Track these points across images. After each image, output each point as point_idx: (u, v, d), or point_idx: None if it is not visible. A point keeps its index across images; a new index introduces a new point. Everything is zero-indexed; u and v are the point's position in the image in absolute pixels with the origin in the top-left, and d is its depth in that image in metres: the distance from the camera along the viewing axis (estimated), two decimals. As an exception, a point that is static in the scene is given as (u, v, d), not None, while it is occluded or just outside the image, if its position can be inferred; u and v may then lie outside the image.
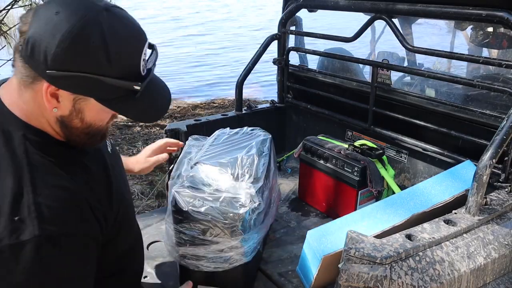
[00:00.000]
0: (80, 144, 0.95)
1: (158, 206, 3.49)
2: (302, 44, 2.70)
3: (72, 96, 0.86)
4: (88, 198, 0.92)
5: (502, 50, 2.70)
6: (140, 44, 0.88)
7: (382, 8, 1.98)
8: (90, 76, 0.82)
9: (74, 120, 0.89)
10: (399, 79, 3.04)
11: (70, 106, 0.87)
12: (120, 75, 0.84)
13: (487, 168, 1.26)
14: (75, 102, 0.87)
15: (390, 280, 1.06)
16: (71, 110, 0.88)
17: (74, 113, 0.88)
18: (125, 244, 1.12)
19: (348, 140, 2.31)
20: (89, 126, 0.92)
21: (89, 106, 0.88)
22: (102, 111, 0.90)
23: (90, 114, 0.90)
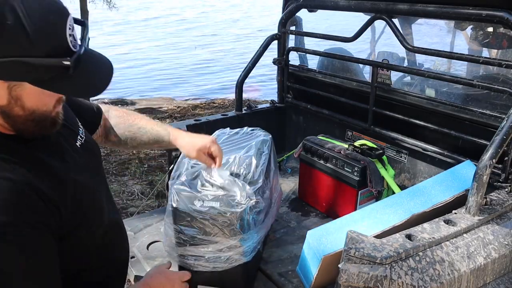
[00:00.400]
0: (29, 133, 0.90)
1: (158, 206, 3.49)
2: (302, 44, 2.70)
3: (6, 84, 0.82)
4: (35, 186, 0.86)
5: (502, 50, 2.70)
6: (61, 19, 0.83)
7: (382, 8, 1.98)
8: (15, 59, 0.77)
9: (15, 108, 0.85)
10: (399, 79, 3.04)
11: (6, 95, 0.83)
12: (47, 53, 0.80)
13: (487, 168, 1.26)
14: (10, 90, 0.83)
15: (390, 280, 1.06)
16: (9, 98, 0.83)
17: (13, 101, 0.84)
18: (96, 237, 1.06)
19: (348, 140, 2.31)
20: (32, 112, 0.87)
21: (26, 91, 0.84)
22: (42, 95, 0.86)
23: (30, 100, 0.85)
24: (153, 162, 4.37)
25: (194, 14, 19.28)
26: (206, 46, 12.31)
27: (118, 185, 3.93)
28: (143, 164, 4.34)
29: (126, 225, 2.01)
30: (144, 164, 4.33)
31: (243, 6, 22.05)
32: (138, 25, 15.96)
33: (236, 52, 11.43)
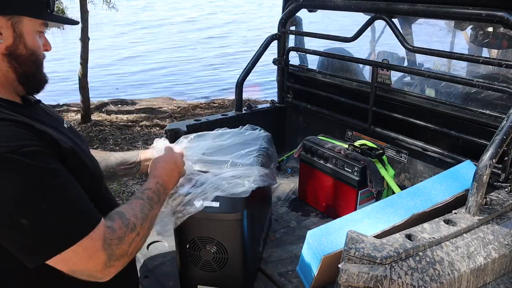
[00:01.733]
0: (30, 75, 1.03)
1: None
2: (302, 44, 2.70)
3: (9, 22, 0.96)
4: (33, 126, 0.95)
5: (502, 50, 2.70)
6: None
7: (382, 8, 1.98)
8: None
9: (19, 47, 0.99)
10: (399, 79, 3.04)
11: (11, 32, 0.97)
12: None
13: (487, 168, 1.26)
14: (14, 27, 0.97)
15: (390, 280, 1.06)
16: (14, 36, 0.97)
17: (17, 39, 0.98)
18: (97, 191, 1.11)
19: (348, 140, 2.31)
20: (32, 52, 1.01)
21: (26, 28, 0.99)
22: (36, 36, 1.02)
23: (30, 39, 1.00)
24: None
25: (199, 15, 19.28)
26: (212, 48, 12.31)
27: (118, 185, 3.93)
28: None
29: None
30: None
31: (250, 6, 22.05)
32: (143, 26, 15.90)
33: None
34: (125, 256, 1.00)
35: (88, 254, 0.92)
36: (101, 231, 0.94)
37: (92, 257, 0.93)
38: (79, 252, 0.91)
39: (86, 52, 5.53)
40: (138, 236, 1.03)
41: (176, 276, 1.53)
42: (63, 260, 0.90)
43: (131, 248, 1.01)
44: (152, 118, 6.13)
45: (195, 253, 1.41)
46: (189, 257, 1.42)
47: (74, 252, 0.90)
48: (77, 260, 0.92)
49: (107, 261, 0.95)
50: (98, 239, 0.93)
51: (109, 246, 0.95)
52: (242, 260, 1.42)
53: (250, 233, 1.43)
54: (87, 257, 0.92)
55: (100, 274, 0.96)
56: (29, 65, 1.02)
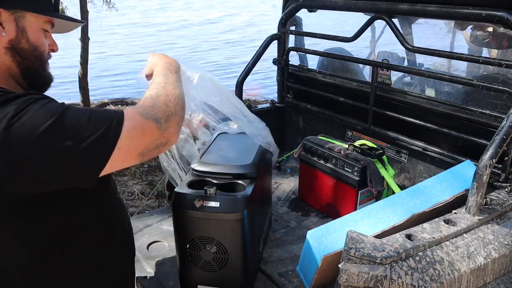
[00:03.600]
0: (33, 70, 1.05)
1: (158, 206, 3.50)
2: (302, 44, 2.70)
3: (12, 16, 0.98)
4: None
5: (502, 50, 2.70)
6: None
7: (382, 8, 1.98)
8: None
9: (22, 41, 1.00)
10: (399, 79, 3.05)
11: (14, 27, 0.99)
12: None
13: (487, 168, 1.26)
14: (16, 21, 0.99)
15: (390, 280, 1.06)
16: (16, 30, 0.99)
17: (20, 33, 1.00)
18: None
19: (348, 140, 2.31)
20: (34, 48, 1.03)
21: (28, 23, 1.01)
22: (41, 34, 1.04)
23: (33, 34, 1.02)
24: (153, 162, 4.36)
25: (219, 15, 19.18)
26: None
27: (118, 185, 3.94)
28: (143, 164, 4.34)
29: (126, 225, 2.02)
30: (144, 164, 4.33)
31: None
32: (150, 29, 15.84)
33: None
34: (173, 115, 1.02)
35: (139, 130, 0.95)
36: (130, 112, 0.97)
37: (144, 130, 0.96)
38: (131, 134, 0.93)
39: (86, 52, 5.53)
40: (168, 96, 1.05)
41: (176, 276, 1.53)
42: (125, 151, 0.92)
43: (171, 107, 1.03)
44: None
45: (195, 253, 1.41)
46: (189, 257, 1.42)
47: (127, 137, 0.92)
48: (136, 143, 0.94)
49: (158, 126, 0.97)
50: (134, 116, 0.96)
51: (148, 114, 0.97)
52: (242, 260, 1.42)
53: (250, 233, 1.43)
54: (141, 134, 0.95)
55: (164, 139, 0.99)
56: (32, 60, 1.03)
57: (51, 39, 1.10)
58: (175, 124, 1.02)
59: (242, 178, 1.47)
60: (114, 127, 0.91)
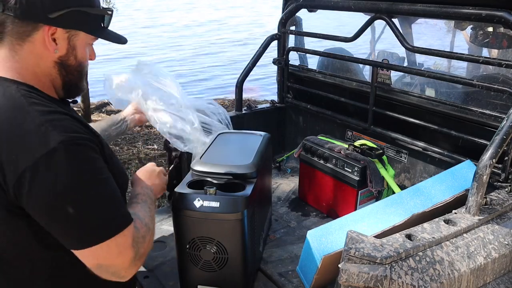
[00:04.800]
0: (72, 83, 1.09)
1: (158, 206, 3.49)
2: (302, 44, 2.70)
3: (67, 35, 1.03)
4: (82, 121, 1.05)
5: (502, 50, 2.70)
6: None
7: (382, 8, 1.98)
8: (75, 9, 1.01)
9: (70, 58, 1.05)
10: (399, 79, 3.04)
11: (66, 44, 1.03)
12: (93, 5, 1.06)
13: (487, 168, 1.26)
14: (69, 40, 1.04)
15: (390, 280, 1.06)
16: (68, 48, 1.04)
17: (70, 51, 1.05)
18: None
19: (348, 140, 2.31)
20: (79, 64, 1.08)
21: (79, 41, 1.06)
22: (86, 49, 1.09)
23: (80, 52, 1.07)
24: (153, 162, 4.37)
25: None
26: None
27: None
28: (143, 164, 4.34)
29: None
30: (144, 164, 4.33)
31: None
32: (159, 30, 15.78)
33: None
34: (144, 256, 1.05)
35: (119, 250, 0.97)
36: (131, 229, 1.00)
37: (122, 253, 0.97)
38: (112, 247, 0.95)
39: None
40: (152, 236, 1.09)
41: (176, 276, 1.53)
42: (94, 252, 0.95)
43: (149, 248, 1.07)
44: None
45: (195, 253, 1.41)
46: (189, 257, 1.42)
47: (107, 246, 0.95)
48: (107, 255, 0.96)
49: (133, 259, 0.99)
50: (129, 236, 0.98)
51: (136, 244, 1.00)
52: (242, 260, 1.42)
53: (250, 233, 1.43)
54: (118, 253, 0.97)
55: (123, 272, 1.01)
56: (75, 75, 1.09)
57: (91, 48, 1.15)
58: (139, 266, 1.05)
59: (242, 178, 1.47)
60: (109, 231, 0.95)
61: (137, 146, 4.97)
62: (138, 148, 4.89)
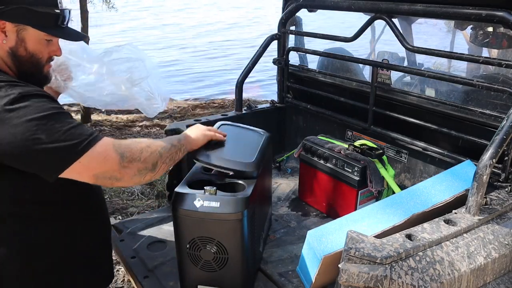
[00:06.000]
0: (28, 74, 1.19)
1: (158, 206, 3.49)
2: (302, 44, 2.70)
3: (15, 28, 1.14)
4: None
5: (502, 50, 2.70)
6: None
7: (382, 8, 1.98)
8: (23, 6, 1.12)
9: (20, 49, 1.16)
10: (399, 79, 3.04)
11: (15, 37, 1.15)
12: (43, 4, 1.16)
13: (487, 168, 1.26)
14: (18, 33, 1.15)
15: (390, 280, 1.06)
16: (16, 40, 1.15)
17: (19, 43, 1.16)
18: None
19: (348, 140, 2.31)
20: (31, 55, 1.19)
21: (29, 35, 1.16)
22: (39, 44, 1.19)
23: (31, 44, 1.17)
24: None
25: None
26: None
27: (118, 185, 3.92)
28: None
29: (126, 225, 2.02)
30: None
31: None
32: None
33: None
34: (138, 161, 1.16)
35: (103, 156, 1.10)
36: (108, 139, 1.14)
37: (106, 158, 1.11)
38: (94, 156, 1.08)
39: (86, 52, 5.52)
40: (148, 147, 1.20)
41: (176, 276, 1.53)
42: (83, 166, 1.07)
43: (143, 155, 1.18)
44: (152, 118, 6.12)
45: (195, 253, 1.40)
46: (189, 257, 1.42)
47: (90, 157, 1.08)
48: (95, 164, 1.10)
49: (120, 160, 1.13)
50: (108, 144, 1.12)
51: (119, 148, 1.13)
52: (242, 260, 1.42)
53: (250, 233, 1.43)
54: (103, 159, 1.10)
55: (118, 174, 1.14)
56: (28, 66, 1.19)
57: (55, 45, 1.25)
58: (135, 170, 1.17)
59: (243, 176, 1.47)
60: (84, 144, 1.07)
61: (137, 146, 4.97)
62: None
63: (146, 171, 1.19)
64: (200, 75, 9.38)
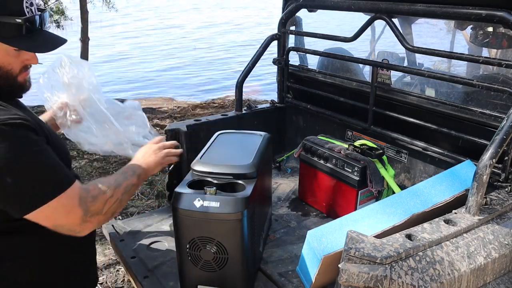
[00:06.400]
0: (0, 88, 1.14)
1: (158, 206, 3.49)
2: (302, 44, 2.70)
3: None
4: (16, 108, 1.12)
5: (502, 50, 2.70)
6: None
7: (382, 8, 1.98)
8: None
9: None
10: (399, 79, 3.04)
11: None
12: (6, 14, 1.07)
13: (487, 168, 1.26)
14: None
15: (390, 280, 1.06)
16: None
17: None
18: None
19: (348, 140, 2.31)
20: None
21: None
22: (8, 56, 1.12)
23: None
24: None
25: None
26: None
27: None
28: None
29: (126, 225, 2.02)
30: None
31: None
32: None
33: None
34: (100, 214, 1.15)
35: (66, 209, 1.09)
36: (76, 189, 1.11)
37: (70, 212, 1.09)
38: (58, 208, 1.07)
39: (85, 52, 5.53)
40: (112, 197, 1.18)
41: (176, 276, 1.53)
42: (45, 215, 1.06)
43: (106, 208, 1.17)
44: (152, 118, 6.12)
45: (195, 253, 1.41)
46: (189, 257, 1.42)
47: (53, 208, 1.06)
48: (57, 215, 1.08)
49: (83, 216, 1.11)
50: (74, 196, 1.10)
51: (84, 203, 1.11)
52: (242, 260, 1.42)
53: (250, 233, 1.43)
54: (66, 212, 1.09)
55: (78, 228, 1.13)
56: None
57: (28, 54, 1.17)
58: (96, 223, 1.16)
59: (242, 178, 1.47)
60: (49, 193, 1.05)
61: (137, 146, 4.96)
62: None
63: (105, 221, 1.21)
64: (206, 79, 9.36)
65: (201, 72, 9.72)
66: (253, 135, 1.80)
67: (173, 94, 7.93)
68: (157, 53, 11.52)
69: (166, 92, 8.17)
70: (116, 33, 14.48)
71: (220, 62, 10.66)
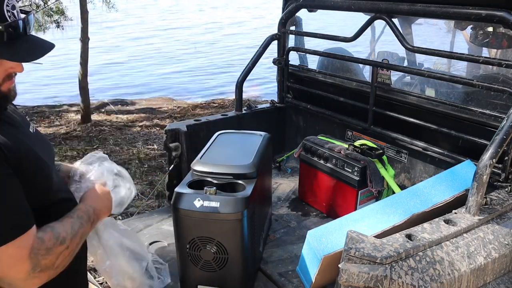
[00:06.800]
0: None
1: (158, 206, 3.49)
2: (302, 44, 2.70)
3: None
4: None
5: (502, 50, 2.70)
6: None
7: (382, 8, 1.98)
8: None
9: None
10: (399, 79, 3.04)
11: None
12: None
13: (487, 168, 1.26)
14: None
15: (390, 280, 1.06)
16: None
17: None
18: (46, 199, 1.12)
19: (348, 140, 2.31)
20: None
21: None
22: None
23: None
24: (153, 162, 4.36)
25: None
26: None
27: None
28: (143, 164, 4.34)
29: (126, 225, 2.02)
30: (144, 165, 4.33)
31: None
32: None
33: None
34: (51, 269, 1.00)
35: (12, 261, 0.93)
36: (29, 239, 0.95)
37: (16, 265, 0.93)
38: (3, 258, 0.92)
39: (86, 52, 5.53)
40: (67, 250, 1.04)
41: (176, 276, 1.53)
42: None
43: (59, 261, 1.02)
44: (152, 118, 6.13)
45: (195, 253, 1.41)
46: (189, 257, 1.42)
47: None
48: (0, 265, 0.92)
49: (30, 271, 0.95)
50: (25, 247, 0.94)
51: (35, 256, 0.96)
52: (242, 260, 1.42)
53: (250, 233, 1.43)
54: (11, 264, 0.93)
55: (21, 284, 0.96)
56: None
57: (12, 62, 1.06)
58: (45, 279, 1.01)
59: (242, 178, 1.47)
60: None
61: (137, 146, 4.96)
62: (138, 148, 4.88)
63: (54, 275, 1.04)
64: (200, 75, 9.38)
65: (201, 73, 9.71)
66: (253, 135, 1.80)
67: (174, 94, 7.93)
68: (158, 55, 11.52)
69: (166, 92, 8.18)
70: (118, 35, 14.47)
71: (220, 62, 10.66)
